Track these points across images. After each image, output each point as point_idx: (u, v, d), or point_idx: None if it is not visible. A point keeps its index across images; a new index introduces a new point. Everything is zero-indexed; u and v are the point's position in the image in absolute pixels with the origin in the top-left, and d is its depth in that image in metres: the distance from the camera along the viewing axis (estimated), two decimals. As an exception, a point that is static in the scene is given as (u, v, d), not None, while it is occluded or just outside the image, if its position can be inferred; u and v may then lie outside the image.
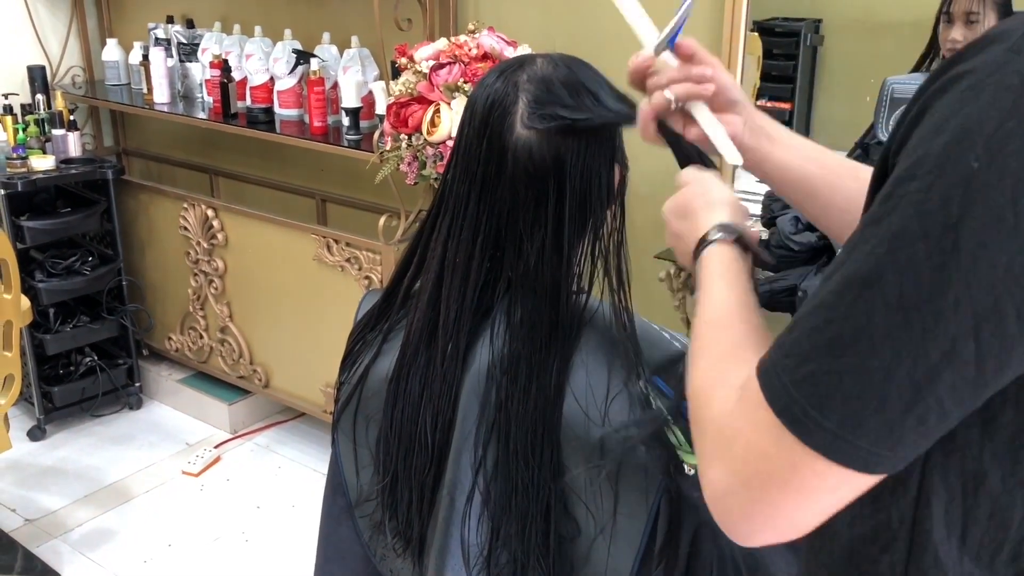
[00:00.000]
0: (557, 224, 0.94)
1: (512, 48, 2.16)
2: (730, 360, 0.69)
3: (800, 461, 0.59)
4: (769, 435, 0.60)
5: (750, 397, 0.62)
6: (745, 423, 0.62)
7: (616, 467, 0.92)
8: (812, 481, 0.59)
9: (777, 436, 0.59)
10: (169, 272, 3.23)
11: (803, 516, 0.62)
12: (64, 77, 3.46)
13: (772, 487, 0.60)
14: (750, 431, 0.61)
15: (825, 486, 0.59)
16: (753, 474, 0.61)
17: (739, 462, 0.62)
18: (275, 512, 2.77)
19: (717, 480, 0.64)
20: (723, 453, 0.64)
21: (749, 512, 0.63)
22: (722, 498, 0.64)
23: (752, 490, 0.62)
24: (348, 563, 1.17)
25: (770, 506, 0.61)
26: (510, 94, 0.94)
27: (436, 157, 2.16)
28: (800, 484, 0.59)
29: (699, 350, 0.74)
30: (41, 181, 2.94)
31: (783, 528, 0.63)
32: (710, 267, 0.81)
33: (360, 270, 2.62)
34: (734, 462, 0.63)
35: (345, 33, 2.72)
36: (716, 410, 0.66)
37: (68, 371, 3.19)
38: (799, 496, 0.60)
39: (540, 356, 0.95)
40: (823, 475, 0.58)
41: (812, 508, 0.61)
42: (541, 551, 0.95)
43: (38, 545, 2.60)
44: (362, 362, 1.08)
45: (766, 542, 0.64)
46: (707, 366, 0.71)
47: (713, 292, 0.78)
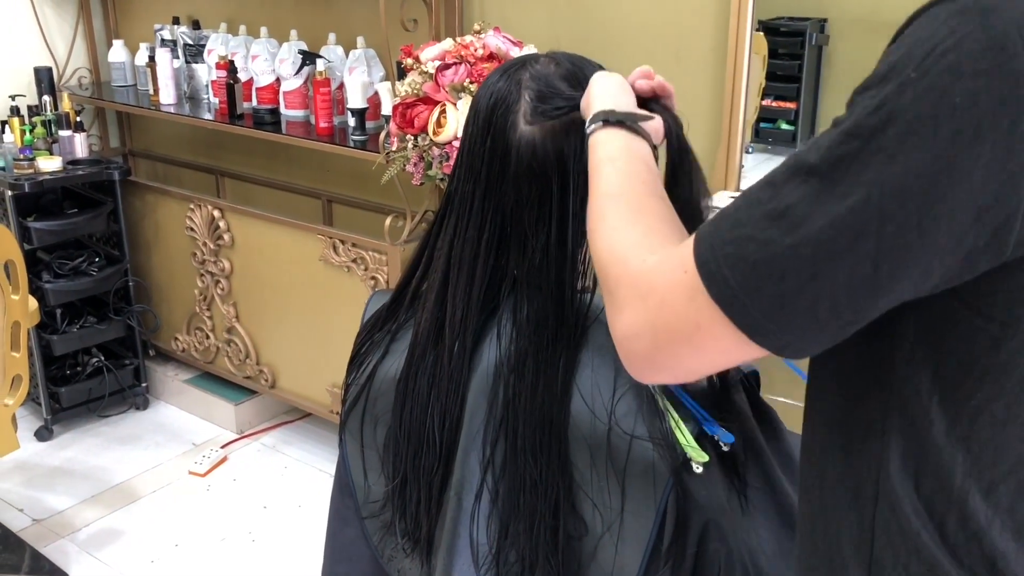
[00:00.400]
0: (561, 221, 0.95)
1: (518, 48, 2.16)
2: (638, 224, 0.76)
3: (704, 321, 0.65)
4: (684, 293, 0.66)
5: (674, 258, 0.67)
6: (663, 280, 0.68)
7: (623, 465, 0.92)
8: (710, 341, 0.66)
9: (691, 294, 0.65)
10: (175, 273, 3.23)
11: (698, 367, 0.71)
12: (71, 79, 3.47)
13: (676, 340, 0.67)
14: (666, 288, 0.67)
15: (720, 346, 0.66)
16: (662, 326, 0.68)
17: (651, 312, 0.69)
18: (282, 512, 2.77)
19: (627, 324, 0.71)
20: (636, 303, 0.70)
21: (652, 357, 0.70)
22: (630, 340, 0.71)
23: (658, 339, 0.68)
24: (356, 564, 1.17)
25: (672, 356, 0.69)
26: (512, 92, 0.95)
27: (442, 157, 2.16)
28: (700, 341, 0.66)
29: (600, 217, 0.80)
30: (48, 182, 2.94)
31: (680, 374, 0.72)
32: (595, 152, 0.86)
33: (366, 271, 2.62)
34: (647, 312, 0.69)
35: (351, 34, 2.73)
36: (631, 268, 0.72)
37: (75, 372, 3.20)
38: (697, 351, 0.67)
39: (547, 353, 0.95)
40: (720, 337, 0.65)
41: (707, 362, 0.69)
42: (549, 549, 0.95)
43: (46, 545, 2.61)
44: (369, 362, 1.08)
45: (663, 382, 0.76)
46: (613, 230, 0.77)
47: (600, 172, 0.84)
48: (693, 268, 0.65)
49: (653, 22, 2.28)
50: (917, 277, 0.60)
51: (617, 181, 0.82)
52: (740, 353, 0.66)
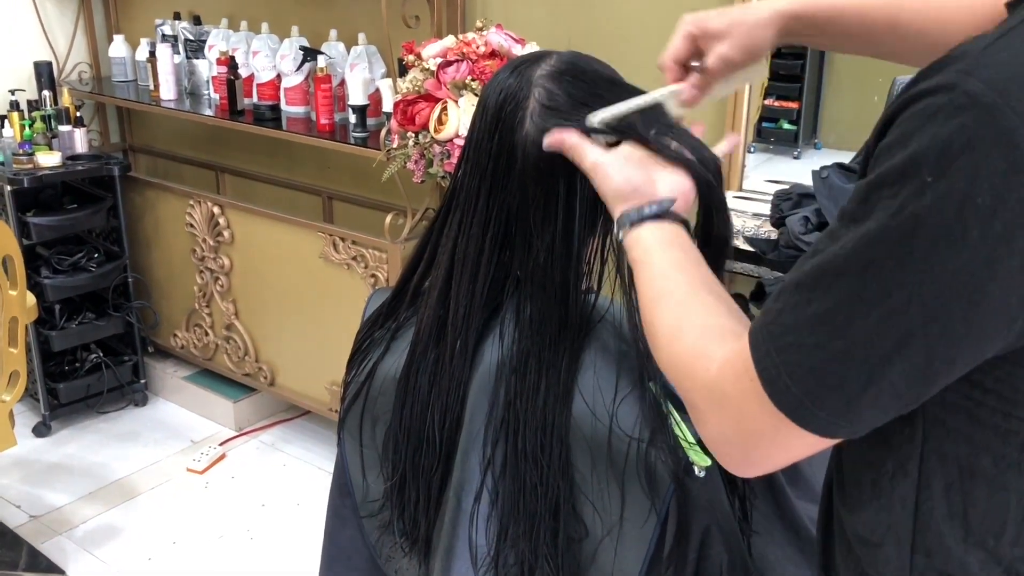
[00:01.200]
0: (567, 221, 0.94)
1: (520, 45, 2.15)
2: (690, 329, 0.77)
3: (778, 424, 0.67)
4: (755, 398, 0.67)
5: (737, 363, 0.69)
6: (732, 387, 0.69)
7: (623, 468, 0.91)
8: (791, 439, 0.67)
9: (761, 399, 0.67)
10: (175, 269, 3.23)
11: (792, 458, 0.71)
12: (71, 73, 3.46)
13: (761, 442, 0.70)
14: (737, 395, 0.69)
15: (802, 444, 0.68)
16: (744, 431, 0.70)
17: (730, 420, 0.71)
18: (280, 510, 2.77)
19: (715, 434, 0.73)
20: (716, 412, 0.72)
21: (746, 458, 0.73)
22: (721, 447, 0.74)
23: (745, 442, 0.71)
24: (353, 563, 1.16)
25: (762, 454, 0.71)
26: (522, 90, 0.94)
27: (443, 155, 2.15)
28: (782, 441, 0.68)
29: (651, 330, 0.81)
30: (47, 177, 2.93)
31: (778, 466, 0.73)
32: (631, 254, 0.85)
33: (366, 268, 2.61)
34: (727, 420, 0.71)
35: (352, 30, 2.72)
36: (699, 380, 0.73)
37: (73, 368, 3.19)
38: (783, 449, 0.70)
39: (549, 354, 0.94)
40: (795, 437, 0.67)
41: (797, 454, 0.70)
42: (550, 551, 0.94)
43: (43, 542, 2.60)
44: (370, 360, 1.07)
45: (757, 475, 0.76)
46: (669, 344, 0.78)
47: (640, 277, 0.84)
48: (756, 376, 0.67)
49: (655, 18, 2.27)
50: (970, 359, 0.62)
51: (656, 282, 0.82)
52: (823, 444, 0.68)
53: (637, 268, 0.84)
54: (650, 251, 0.83)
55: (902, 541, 0.72)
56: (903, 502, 0.71)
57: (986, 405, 0.66)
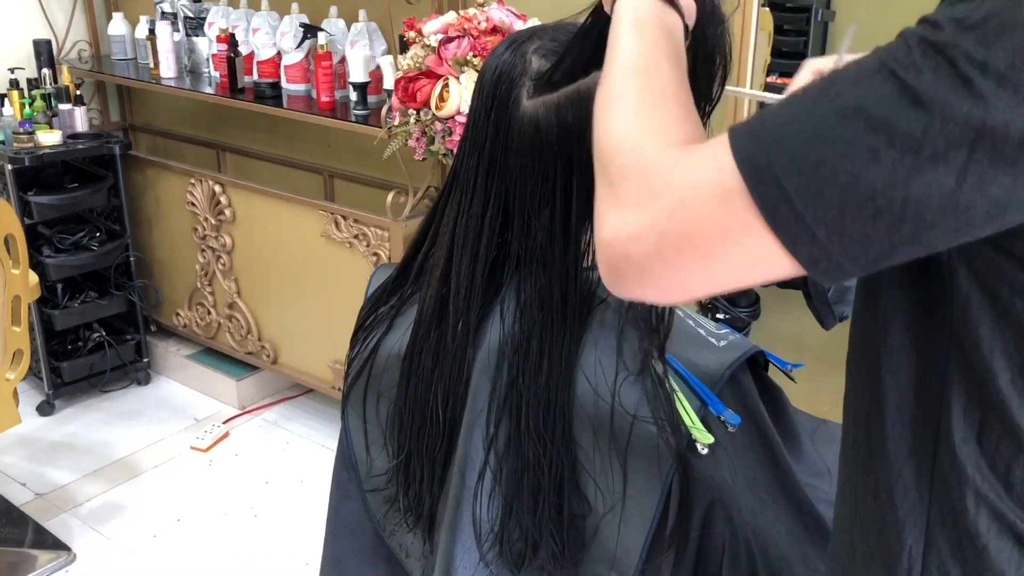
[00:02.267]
0: (565, 200, 0.93)
1: (521, 21, 2.14)
2: (660, 110, 0.65)
3: (734, 226, 0.56)
4: (714, 193, 0.57)
5: (704, 154, 0.58)
6: (685, 178, 0.59)
7: (625, 446, 0.91)
8: (734, 250, 0.57)
9: (724, 195, 0.56)
10: (177, 248, 3.22)
11: (701, 284, 0.60)
12: (70, 52, 3.44)
13: (688, 248, 0.58)
14: (689, 187, 0.58)
15: (744, 259, 0.57)
16: (673, 231, 0.58)
17: (661, 214, 0.59)
18: (283, 487, 2.78)
19: (625, 224, 0.60)
20: (644, 200, 0.60)
21: (649, 267, 0.60)
22: (624, 242, 0.60)
23: (663, 246, 0.59)
24: (357, 538, 1.17)
25: (675, 266, 0.59)
26: (517, 65, 0.93)
27: (445, 132, 2.14)
28: (721, 252, 0.57)
29: (616, 95, 0.68)
30: (48, 156, 2.92)
31: (673, 292, 0.62)
32: (619, 15, 0.74)
33: (368, 246, 2.61)
34: (657, 213, 0.59)
35: (353, 7, 2.70)
36: (647, 158, 0.61)
37: (76, 346, 3.19)
38: (711, 263, 0.58)
39: (551, 333, 0.94)
40: (749, 247, 0.56)
41: (716, 278, 0.59)
42: (554, 527, 0.95)
43: (48, 519, 2.62)
44: (373, 337, 1.07)
45: (645, 299, 0.63)
46: (631, 112, 0.66)
47: (625, 40, 0.72)
48: (731, 166, 0.56)
49: None
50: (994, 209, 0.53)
51: (643, 54, 0.70)
52: (763, 270, 0.58)
53: (620, 31, 0.73)
54: (646, 24, 0.72)
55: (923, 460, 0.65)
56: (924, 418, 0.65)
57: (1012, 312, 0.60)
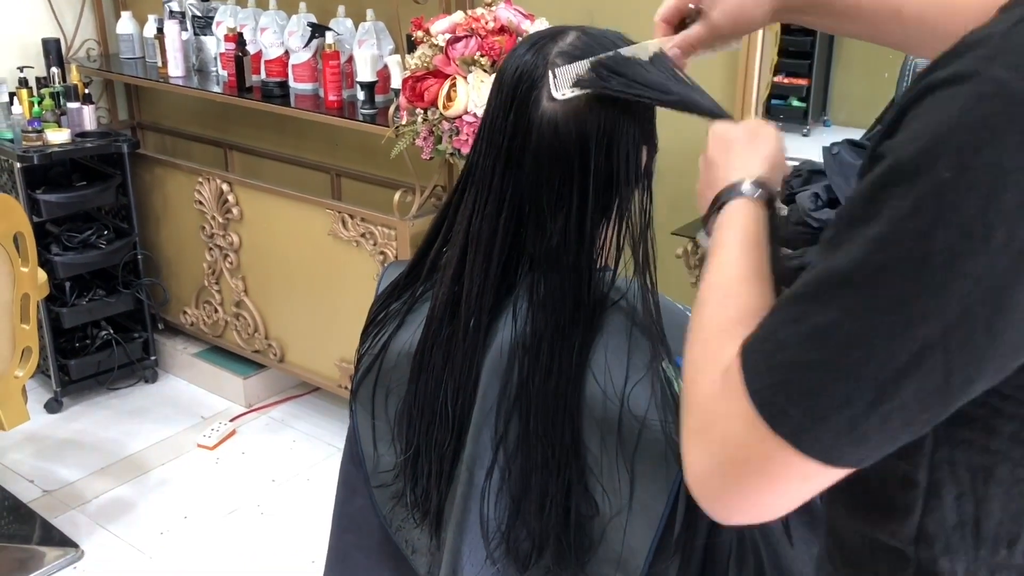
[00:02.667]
0: (581, 202, 0.93)
1: (529, 21, 2.14)
2: (726, 336, 0.67)
3: (771, 450, 0.59)
4: (744, 421, 0.60)
5: (731, 380, 0.62)
6: (724, 407, 0.62)
7: (633, 451, 0.91)
8: (782, 471, 0.60)
9: (751, 423, 0.59)
10: (184, 246, 3.23)
11: (775, 502, 0.63)
12: (79, 50, 3.46)
13: (745, 475, 0.61)
14: (727, 416, 0.62)
15: (794, 476, 0.60)
16: (728, 460, 0.62)
17: (716, 446, 0.63)
18: (290, 485, 2.79)
19: (696, 462, 0.65)
20: (703, 435, 0.64)
21: (725, 496, 0.63)
22: (701, 480, 0.65)
23: (727, 476, 0.62)
24: (364, 533, 1.17)
25: (742, 493, 0.62)
26: (539, 67, 0.92)
27: (452, 131, 2.15)
28: (771, 473, 0.60)
29: (699, 320, 0.71)
30: (57, 154, 2.94)
31: (757, 513, 0.64)
32: (730, 225, 0.76)
33: (375, 245, 2.61)
34: (712, 445, 0.63)
35: (360, 6, 2.70)
36: (701, 390, 0.66)
37: (84, 344, 3.21)
38: (771, 484, 0.61)
39: (562, 335, 0.94)
40: (792, 465, 0.59)
41: (784, 496, 0.62)
42: (561, 528, 0.95)
43: (56, 516, 2.63)
44: (384, 333, 1.07)
45: (741, 523, 0.65)
46: (703, 339, 0.69)
47: (727, 254, 0.74)
48: (746, 397, 0.60)
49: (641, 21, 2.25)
50: (992, 376, 0.56)
51: (741, 273, 0.72)
52: (819, 480, 0.60)
53: (726, 239, 0.75)
54: (753, 237, 0.74)
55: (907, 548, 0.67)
56: (908, 509, 0.66)
57: (1004, 413, 0.61)
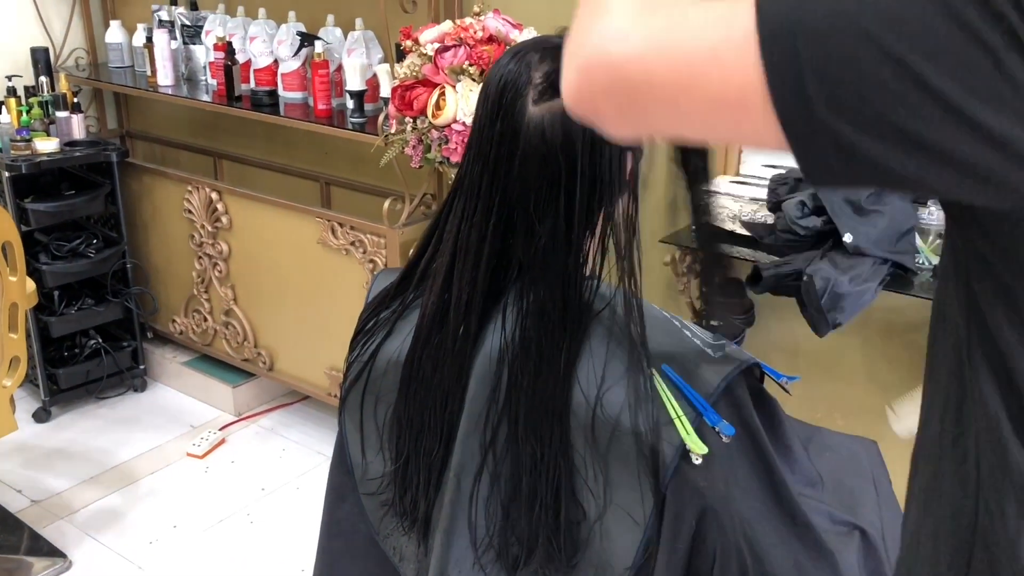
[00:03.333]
0: (568, 208, 0.94)
1: (518, 31, 2.15)
2: None
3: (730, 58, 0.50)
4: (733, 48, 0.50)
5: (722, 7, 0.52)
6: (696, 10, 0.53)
7: (614, 456, 0.92)
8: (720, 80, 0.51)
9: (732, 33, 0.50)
10: (173, 255, 3.23)
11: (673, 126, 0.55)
12: (67, 59, 3.45)
13: (677, 64, 0.52)
14: (698, 15, 0.52)
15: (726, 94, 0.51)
16: (670, 44, 0.52)
17: (666, 31, 0.53)
18: (280, 494, 2.78)
19: (619, 28, 0.54)
20: (646, 13, 0.54)
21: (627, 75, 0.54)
22: (609, 42, 0.54)
23: (654, 55, 0.53)
24: (351, 540, 1.17)
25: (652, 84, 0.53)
26: (523, 75, 0.94)
27: (441, 140, 2.15)
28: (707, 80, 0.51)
29: None
30: (45, 163, 2.93)
31: (640, 127, 0.56)
32: None
33: (364, 254, 2.62)
34: (659, 28, 0.53)
35: (349, 15, 2.71)
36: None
37: (73, 353, 3.19)
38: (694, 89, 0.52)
39: (550, 340, 0.95)
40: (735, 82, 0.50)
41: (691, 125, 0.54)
42: (551, 531, 0.95)
43: (44, 526, 2.61)
44: (373, 341, 1.08)
45: (603, 121, 0.56)
46: None
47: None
48: (751, 23, 0.49)
49: None
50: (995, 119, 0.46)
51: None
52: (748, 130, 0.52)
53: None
54: None
55: None
56: None
57: None
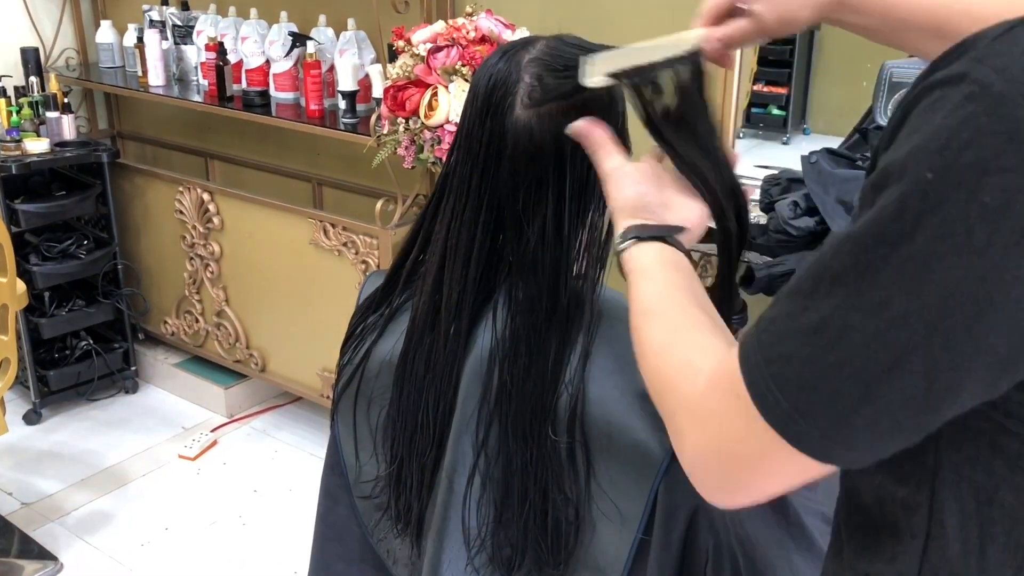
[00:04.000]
0: (557, 206, 0.94)
1: (510, 31, 2.15)
2: (681, 344, 0.72)
3: (767, 445, 0.61)
4: (741, 416, 0.62)
5: (724, 377, 0.64)
6: (718, 403, 0.65)
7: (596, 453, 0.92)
8: (778, 465, 0.62)
9: (748, 417, 0.61)
10: (165, 256, 3.22)
11: (772, 489, 0.66)
12: (58, 59, 3.44)
13: (743, 466, 0.64)
14: (722, 410, 0.64)
15: (790, 470, 0.62)
16: (726, 453, 0.65)
17: (713, 440, 0.65)
18: (272, 496, 2.77)
19: (692, 452, 0.68)
20: (698, 430, 0.67)
21: (723, 484, 0.67)
22: (699, 470, 0.68)
23: (724, 466, 0.65)
24: (345, 542, 1.17)
25: (741, 482, 0.66)
26: (512, 74, 0.94)
27: (434, 141, 2.15)
28: (768, 467, 0.63)
29: (641, 341, 0.77)
30: (36, 164, 2.92)
31: (755, 497, 0.67)
32: (627, 267, 0.84)
33: (357, 254, 2.61)
34: (709, 439, 0.66)
35: (341, 15, 2.71)
36: (684, 393, 0.69)
37: (64, 355, 3.18)
38: (767, 476, 0.64)
39: (539, 338, 0.95)
40: (787, 460, 0.61)
41: (780, 484, 0.65)
42: (539, 532, 0.95)
43: (35, 528, 2.60)
44: (364, 344, 1.08)
45: (741, 506, 0.69)
46: (657, 356, 0.74)
47: (636, 288, 0.81)
48: (744, 392, 0.61)
49: (646, 5, 2.27)
50: (980, 388, 0.56)
51: (653, 297, 0.78)
52: (812, 471, 0.62)
53: (632, 280, 0.82)
54: (648, 269, 0.81)
55: None
56: (913, 533, 0.65)
57: (1008, 430, 0.59)
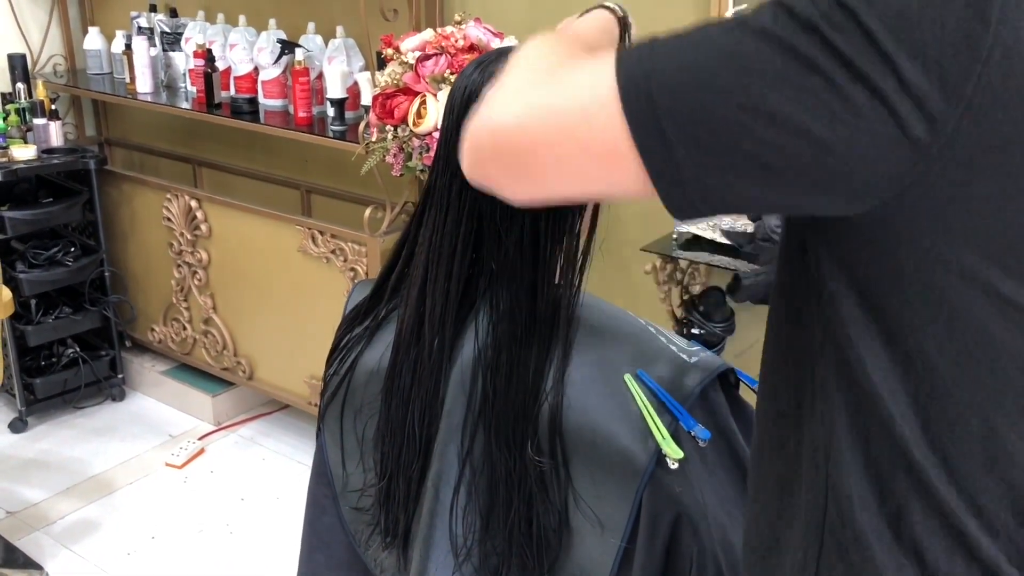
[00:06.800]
0: (533, 216, 0.95)
1: (499, 39, 2.16)
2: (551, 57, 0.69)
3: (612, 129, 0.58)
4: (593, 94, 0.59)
5: (588, 67, 0.61)
6: (570, 77, 0.61)
7: (580, 460, 0.93)
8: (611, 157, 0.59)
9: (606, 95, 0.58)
10: (152, 263, 3.21)
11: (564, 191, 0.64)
12: (45, 66, 3.43)
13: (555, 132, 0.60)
14: (572, 84, 0.61)
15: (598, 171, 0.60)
16: (548, 113, 0.61)
17: (541, 101, 0.62)
18: (259, 504, 2.76)
19: (503, 107, 0.63)
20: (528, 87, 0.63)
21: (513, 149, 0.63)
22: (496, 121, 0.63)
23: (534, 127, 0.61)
24: (333, 552, 1.17)
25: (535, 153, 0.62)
26: (487, 84, 0.95)
27: (422, 148, 2.15)
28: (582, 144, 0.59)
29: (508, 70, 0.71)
30: (22, 171, 2.91)
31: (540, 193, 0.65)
32: None
33: (345, 262, 2.61)
34: (536, 99, 0.62)
35: (330, 23, 2.71)
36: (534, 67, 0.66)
37: (50, 363, 3.16)
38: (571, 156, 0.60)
39: (520, 347, 0.95)
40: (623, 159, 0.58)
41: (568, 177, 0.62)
42: (524, 540, 0.96)
43: (20, 538, 2.58)
44: (351, 354, 1.08)
45: (499, 187, 0.66)
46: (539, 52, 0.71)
47: None
48: (612, 83, 0.58)
49: (634, 14, 2.27)
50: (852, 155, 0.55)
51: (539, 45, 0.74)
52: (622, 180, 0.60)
53: None
54: None
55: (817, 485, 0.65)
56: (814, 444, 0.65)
57: None
